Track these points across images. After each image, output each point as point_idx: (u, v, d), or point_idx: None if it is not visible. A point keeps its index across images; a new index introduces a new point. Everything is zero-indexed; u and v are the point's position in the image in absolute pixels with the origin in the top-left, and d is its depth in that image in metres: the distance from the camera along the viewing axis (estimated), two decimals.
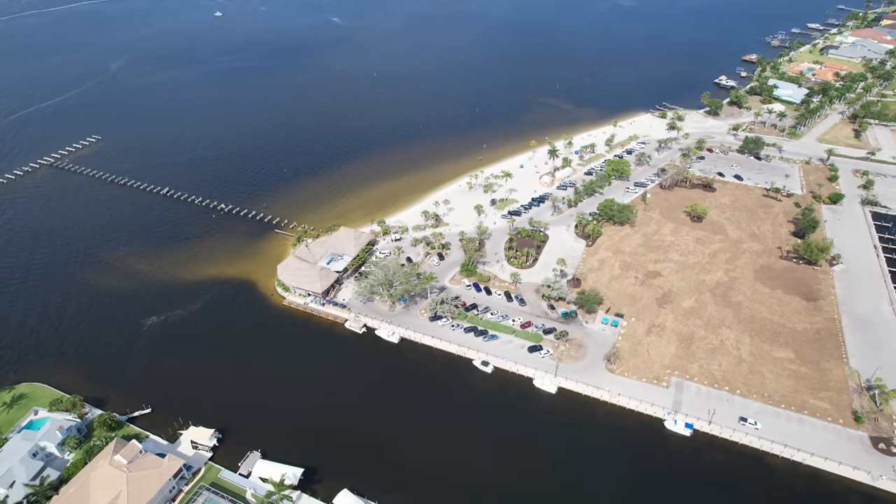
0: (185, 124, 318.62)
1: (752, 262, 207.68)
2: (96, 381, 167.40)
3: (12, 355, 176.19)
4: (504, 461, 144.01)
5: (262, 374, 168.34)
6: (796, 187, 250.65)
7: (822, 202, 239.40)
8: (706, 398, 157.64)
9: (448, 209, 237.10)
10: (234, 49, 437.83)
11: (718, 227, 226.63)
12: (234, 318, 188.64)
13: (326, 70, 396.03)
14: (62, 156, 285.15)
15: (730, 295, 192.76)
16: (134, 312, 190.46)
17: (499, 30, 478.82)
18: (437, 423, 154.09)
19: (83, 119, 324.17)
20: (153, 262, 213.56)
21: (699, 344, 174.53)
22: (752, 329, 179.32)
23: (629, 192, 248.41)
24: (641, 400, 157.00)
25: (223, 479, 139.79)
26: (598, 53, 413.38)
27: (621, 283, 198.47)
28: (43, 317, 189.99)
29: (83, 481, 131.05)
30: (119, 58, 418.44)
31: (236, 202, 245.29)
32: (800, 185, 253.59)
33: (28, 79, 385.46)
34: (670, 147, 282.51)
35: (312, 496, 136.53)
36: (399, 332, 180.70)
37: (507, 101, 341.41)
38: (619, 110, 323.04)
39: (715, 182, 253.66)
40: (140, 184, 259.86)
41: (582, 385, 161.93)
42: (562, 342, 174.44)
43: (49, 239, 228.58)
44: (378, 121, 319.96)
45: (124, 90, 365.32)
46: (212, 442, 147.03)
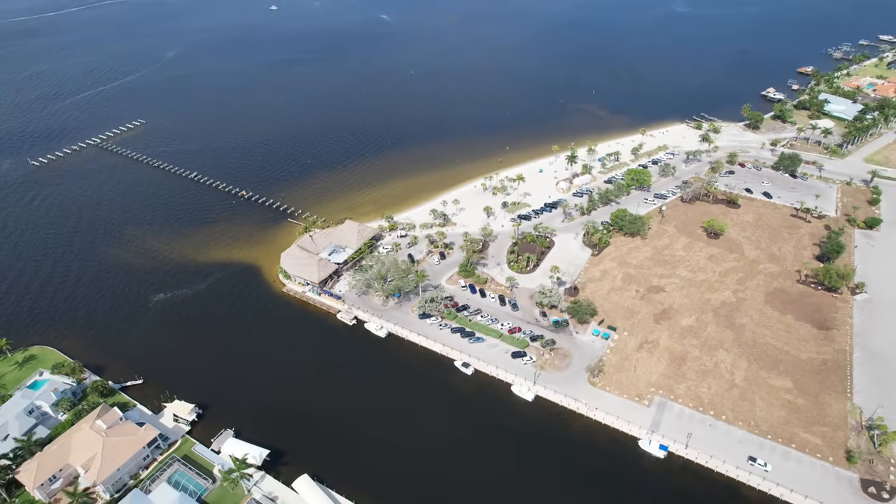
0: (223, 113, 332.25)
1: (766, 284, 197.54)
2: (99, 349, 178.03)
3: (30, 318, 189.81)
4: (470, 464, 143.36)
5: (250, 357, 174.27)
6: (830, 208, 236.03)
7: (857, 226, 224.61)
8: (688, 421, 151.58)
9: (458, 209, 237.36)
10: (283, 42, 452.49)
11: (735, 245, 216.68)
12: (234, 301, 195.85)
13: (369, 66, 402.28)
14: (108, 137, 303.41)
15: (734, 316, 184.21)
16: (144, 288, 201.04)
17: (550, 30, 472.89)
18: (410, 419, 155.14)
19: (132, 103, 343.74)
20: (170, 241, 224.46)
21: (691, 364, 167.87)
22: (752, 354, 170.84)
23: (647, 203, 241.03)
24: (618, 416, 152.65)
25: (195, 453, 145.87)
26: (645, 59, 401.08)
27: (621, 295, 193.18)
28: (62, 284, 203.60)
29: (65, 441, 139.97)
30: (175, 47, 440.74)
31: (256, 189, 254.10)
32: (835, 206, 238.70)
33: (93, 64, 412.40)
34: (699, 159, 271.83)
35: (275, 478, 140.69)
36: (387, 327, 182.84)
37: (542, 103, 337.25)
38: (652, 119, 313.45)
39: (740, 198, 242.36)
40: (171, 167, 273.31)
41: (560, 395, 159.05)
42: (547, 350, 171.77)
43: (81, 214, 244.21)
44: (409, 117, 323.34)
45: (173, 78, 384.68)
46: (191, 416, 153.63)
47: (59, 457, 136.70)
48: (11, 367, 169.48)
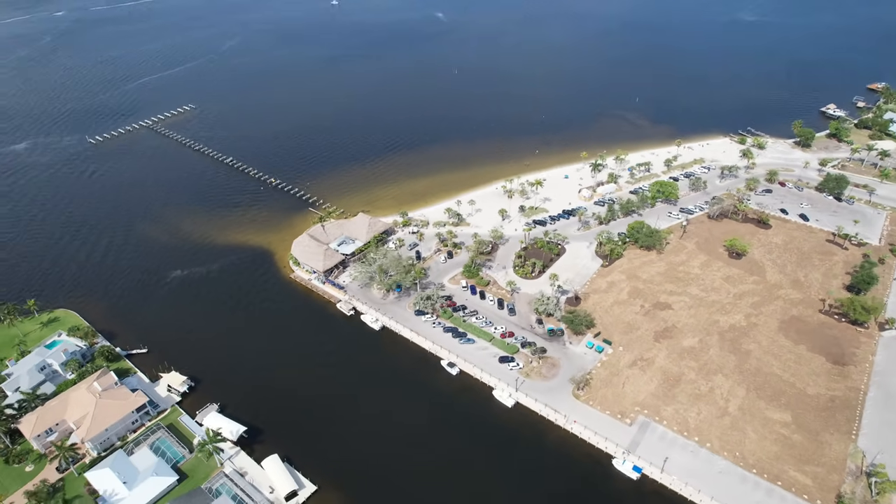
0: (267, 102, 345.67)
1: (783, 310, 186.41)
2: (115, 317, 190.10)
3: (60, 282, 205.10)
4: (438, 462, 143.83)
5: (248, 338, 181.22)
6: (874, 236, 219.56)
7: None
8: (669, 445, 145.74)
9: (475, 210, 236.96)
10: (337, 37, 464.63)
11: (758, 267, 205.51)
12: (244, 283, 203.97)
13: (416, 63, 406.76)
14: (159, 120, 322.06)
15: (741, 341, 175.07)
16: (165, 264, 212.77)
17: (605, 33, 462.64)
18: (388, 412, 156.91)
19: (186, 89, 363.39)
20: (196, 221, 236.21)
21: (684, 387, 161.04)
22: (753, 382, 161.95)
23: (671, 217, 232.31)
24: (596, 432, 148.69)
25: (180, 423, 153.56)
26: (699, 68, 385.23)
27: (623, 309, 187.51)
28: (93, 253, 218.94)
29: (64, 399, 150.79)
30: (234, 38, 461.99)
31: (284, 177, 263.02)
32: (879, 234, 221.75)
33: (159, 51, 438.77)
34: (735, 175, 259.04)
35: (249, 454, 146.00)
36: (383, 321, 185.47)
37: (582, 107, 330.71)
38: (694, 131, 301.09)
39: (772, 218, 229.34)
40: (211, 151, 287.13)
41: (540, 405, 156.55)
42: (535, 358, 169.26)
43: (124, 190, 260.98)
44: (445, 115, 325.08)
45: (227, 67, 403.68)
46: (183, 388, 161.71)
47: (57, 412, 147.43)
48: (36, 326, 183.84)
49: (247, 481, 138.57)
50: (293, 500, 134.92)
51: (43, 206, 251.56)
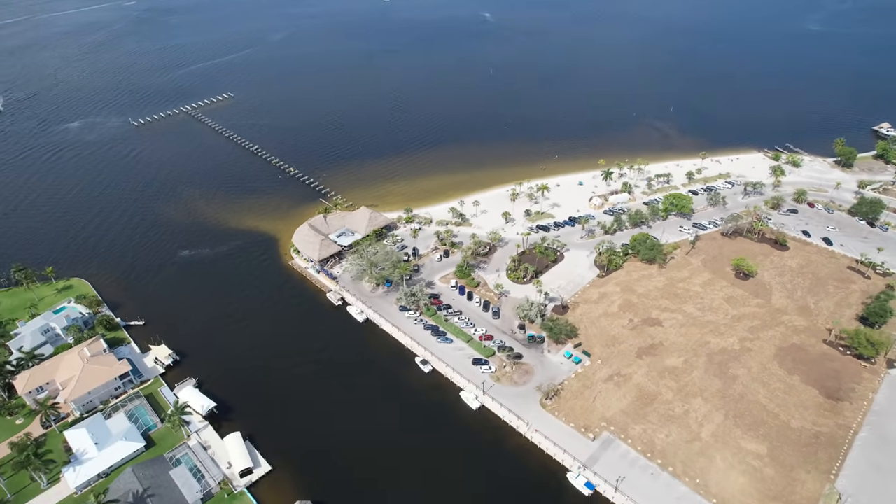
0: (302, 94, 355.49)
1: (783, 337, 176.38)
2: (122, 289, 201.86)
3: (79, 252, 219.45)
4: (395, 457, 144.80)
5: (237, 319, 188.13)
6: None
7: None
8: (630, 464, 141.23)
9: (480, 211, 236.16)
10: (381, 33, 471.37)
11: (764, 290, 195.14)
12: (245, 267, 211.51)
13: (455, 61, 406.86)
14: (198, 106, 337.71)
15: (729, 366, 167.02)
16: (177, 242, 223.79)
17: (656, 36, 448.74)
18: (355, 403, 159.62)
19: (229, 78, 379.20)
20: (212, 204, 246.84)
21: (658, 407, 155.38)
22: (733, 409, 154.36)
23: (682, 231, 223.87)
24: (556, 444, 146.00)
25: (159, 394, 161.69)
26: (749, 77, 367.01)
27: (611, 321, 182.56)
28: (113, 228, 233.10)
29: (56, 361, 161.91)
30: (282, 30, 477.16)
31: (302, 167, 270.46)
32: None
33: (211, 41, 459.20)
34: (761, 192, 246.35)
35: (216, 429, 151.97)
36: (367, 313, 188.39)
37: (614, 113, 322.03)
38: (726, 144, 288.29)
39: (791, 240, 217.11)
40: (239, 138, 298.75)
41: (504, 410, 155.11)
42: (510, 363, 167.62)
43: (156, 171, 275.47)
44: (473, 115, 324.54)
45: (271, 58, 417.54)
46: (168, 361, 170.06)
47: (49, 373, 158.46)
48: (51, 292, 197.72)
49: (208, 455, 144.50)
50: (247, 478, 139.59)
51: (80, 180, 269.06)
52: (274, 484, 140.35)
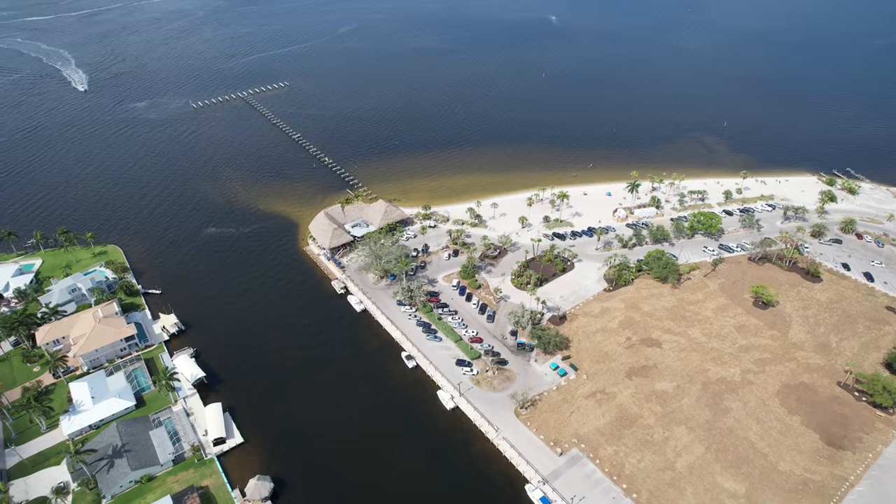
0: (355, 86, 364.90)
1: (792, 374, 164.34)
2: (149, 258, 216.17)
3: (119, 221, 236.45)
4: (361, 444, 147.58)
5: (245, 297, 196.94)
6: None
7: None
8: (592, 485, 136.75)
9: (500, 213, 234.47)
10: (448, 31, 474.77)
11: (783, 322, 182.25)
12: (263, 248, 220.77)
13: (511, 62, 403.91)
14: (254, 93, 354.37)
15: (725, 397, 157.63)
16: (206, 220, 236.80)
17: (732, 47, 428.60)
18: (334, 389, 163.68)
19: (289, 67, 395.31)
20: (246, 186, 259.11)
21: (636, 430, 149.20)
22: (718, 443, 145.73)
23: (706, 252, 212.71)
24: (521, 454, 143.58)
25: (158, 358, 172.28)
26: (823, 94, 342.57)
27: (607, 337, 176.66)
28: (152, 200, 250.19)
29: (74, 318, 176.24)
30: (350, 24, 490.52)
31: (336, 158, 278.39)
32: None
33: (280, 31, 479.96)
34: (804, 218, 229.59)
35: (202, 398, 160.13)
36: (365, 304, 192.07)
37: (663, 126, 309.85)
38: (777, 164, 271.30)
39: (826, 271, 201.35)
40: (285, 126, 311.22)
41: (477, 414, 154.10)
42: (493, 368, 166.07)
43: (203, 151, 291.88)
44: (517, 118, 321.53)
45: (334, 50, 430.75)
46: (173, 329, 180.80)
47: (65, 328, 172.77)
48: (87, 255, 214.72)
49: (189, 421, 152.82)
50: (219, 447, 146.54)
51: (136, 155, 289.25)
52: (242, 456, 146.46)
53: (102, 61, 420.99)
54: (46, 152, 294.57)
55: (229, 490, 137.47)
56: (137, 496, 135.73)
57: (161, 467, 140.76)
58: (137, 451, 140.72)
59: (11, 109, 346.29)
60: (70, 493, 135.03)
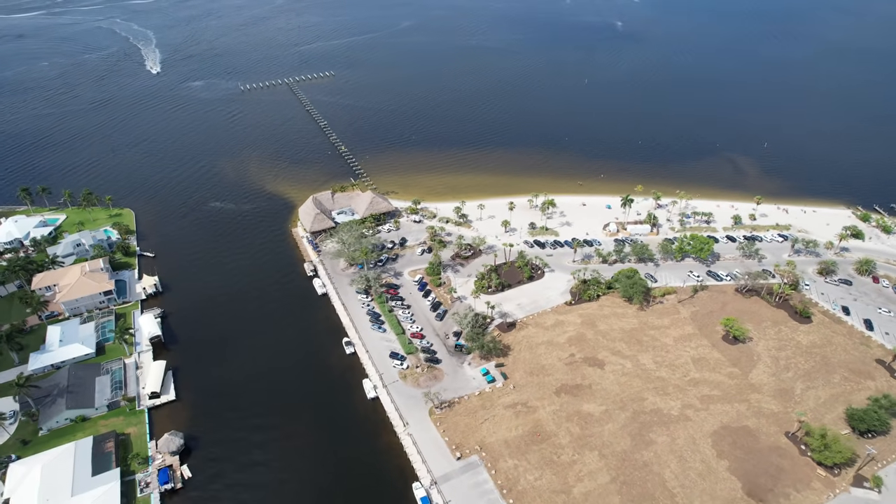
0: (395, 79, 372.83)
1: (736, 417, 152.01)
2: (155, 223, 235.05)
3: (139, 188, 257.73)
4: (278, 418, 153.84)
5: (223, 267, 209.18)
6: None
7: None
8: (479, 495, 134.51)
9: (488, 216, 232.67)
10: (506, 31, 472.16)
11: (748, 360, 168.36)
12: (256, 226, 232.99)
13: (557, 66, 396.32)
14: (299, 80, 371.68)
15: (653, 429, 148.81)
16: (215, 194, 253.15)
17: (815, 61, 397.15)
18: (274, 362, 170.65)
19: (340, 57, 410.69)
20: (261, 166, 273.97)
21: (545, 449, 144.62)
22: (626, 476, 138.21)
23: (690, 276, 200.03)
24: (420, 452, 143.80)
25: (129, 314, 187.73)
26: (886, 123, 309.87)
27: (550, 351, 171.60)
28: (176, 171, 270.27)
29: (66, 269, 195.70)
30: (412, 19, 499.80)
31: (351, 147, 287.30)
32: None
33: (345, 22, 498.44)
34: (816, 253, 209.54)
35: (153, 355, 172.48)
36: (328, 288, 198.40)
37: (695, 141, 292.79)
38: (811, 193, 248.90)
39: (819, 313, 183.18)
40: (315, 113, 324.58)
41: (392, 407, 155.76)
42: (424, 365, 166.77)
43: (236, 130, 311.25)
44: (545, 122, 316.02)
45: (387, 44, 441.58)
46: (151, 290, 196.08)
47: (56, 277, 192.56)
48: (103, 216, 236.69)
49: (135, 373, 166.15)
50: (153, 401, 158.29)
51: (179, 130, 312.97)
52: (170, 412, 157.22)
53: (180, 44, 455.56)
54: (108, 123, 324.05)
55: (147, 441, 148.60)
56: (70, 433, 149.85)
57: (96, 411, 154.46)
58: (78, 393, 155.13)
59: (93, 83, 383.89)
60: (17, 422, 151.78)
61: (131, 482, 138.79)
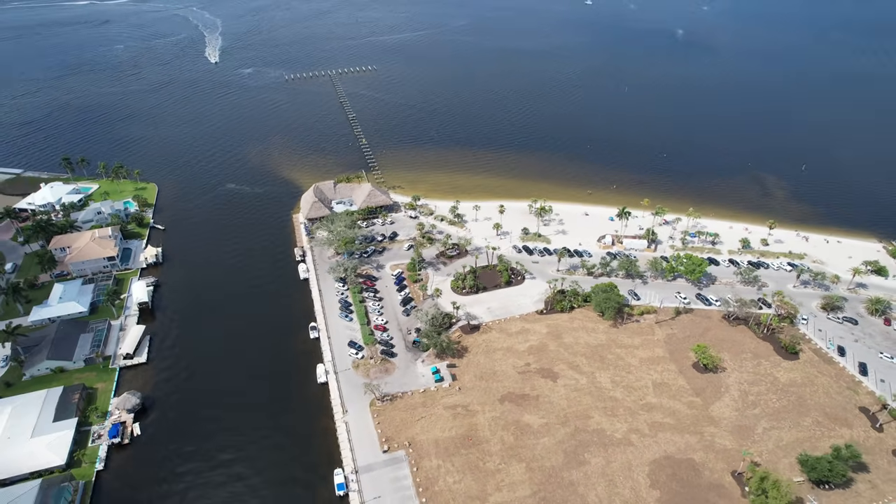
0: (433, 77, 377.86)
1: (684, 449, 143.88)
2: (173, 199, 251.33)
3: (168, 164, 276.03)
4: (230, 391, 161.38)
5: (223, 245, 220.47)
6: None
7: None
8: (393, 490, 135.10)
9: (484, 217, 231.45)
10: (557, 33, 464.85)
11: (714, 391, 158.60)
12: (262, 208, 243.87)
13: (603, 71, 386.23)
14: (341, 72, 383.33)
15: (590, 450, 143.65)
16: (232, 176, 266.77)
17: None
18: (241, 339, 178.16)
19: (387, 52, 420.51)
20: (283, 153, 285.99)
21: (473, 453, 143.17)
22: (548, 493, 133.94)
23: (677, 297, 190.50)
24: (350, 440, 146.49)
25: (127, 280, 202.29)
26: None
27: (506, 358, 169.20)
28: (206, 151, 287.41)
29: (79, 234, 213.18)
30: (469, 18, 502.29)
31: (371, 140, 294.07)
32: None
33: (401, 19, 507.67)
34: (825, 287, 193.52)
35: (139, 319, 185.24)
36: (310, 274, 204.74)
37: (727, 159, 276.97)
38: (840, 223, 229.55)
39: (810, 350, 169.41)
40: (347, 105, 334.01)
41: (336, 394, 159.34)
42: (378, 357, 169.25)
43: (271, 116, 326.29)
44: (572, 127, 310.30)
45: (437, 42, 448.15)
46: (152, 259, 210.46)
47: (70, 240, 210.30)
48: (130, 188, 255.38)
49: (118, 334, 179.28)
50: (125, 361, 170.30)
51: (218, 114, 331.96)
52: (139, 373, 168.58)
53: (244, 34, 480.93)
54: (162, 103, 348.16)
55: (111, 397, 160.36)
56: (48, 381, 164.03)
57: (73, 364, 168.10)
58: (59, 347, 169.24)
59: (159, 67, 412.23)
60: (7, 366, 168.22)
61: (87, 433, 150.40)
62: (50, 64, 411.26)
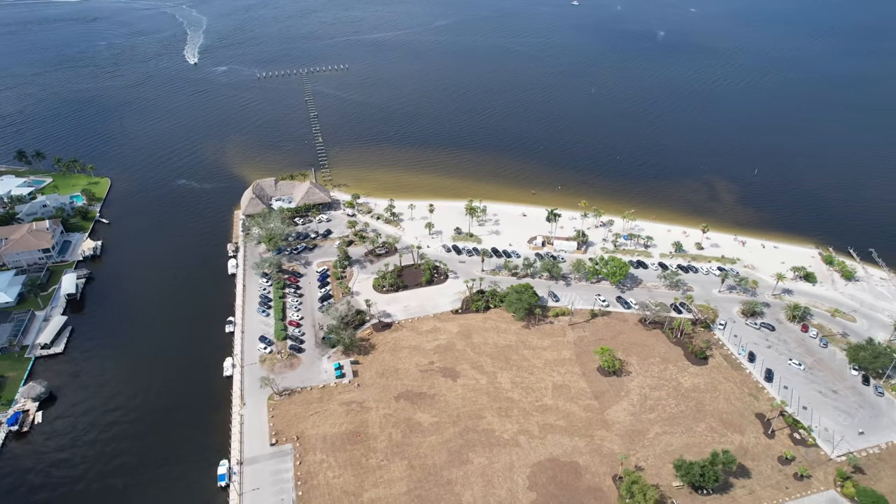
0: (404, 77, 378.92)
1: (569, 451, 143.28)
2: (123, 193, 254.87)
3: (124, 159, 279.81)
4: (139, 380, 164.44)
5: (164, 238, 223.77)
6: (862, 443, 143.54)
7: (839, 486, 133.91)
8: (272, 482, 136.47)
9: (420, 216, 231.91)
10: (538, 34, 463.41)
11: (614, 395, 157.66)
12: (208, 204, 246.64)
13: (574, 73, 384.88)
14: (313, 71, 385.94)
15: (475, 450, 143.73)
16: (185, 172, 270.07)
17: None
18: (158, 332, 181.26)
19: (362, 51, 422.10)
20: (238, 150, 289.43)
21: (358, 449, 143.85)
22: (423, 491, 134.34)
23: (597, 300, 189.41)
24: (241, 432, 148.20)
25: (61, 272, 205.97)
26: None
27: (411, 356, 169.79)
28: (166, 147, 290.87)
29: (18, 226, 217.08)
30: (451, 17, 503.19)
31: (327, 139, 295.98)
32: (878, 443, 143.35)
33: (383, 19, 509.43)
34: (752, 293, 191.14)
35: (64, 311, 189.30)
36: (239, 269, 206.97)
37: (679, 162, 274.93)
38: (784, 229, 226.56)
39: (718, 355, 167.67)
40: (311, 103, 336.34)
41: (238, 386, 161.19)
42: (286, 352, 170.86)
43: (239, 114, 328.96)
44: (527, 127, 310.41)
45: (414, 41, 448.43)
46: (89, 252, 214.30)
47: (8, 232, 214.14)
48: (83, 182, 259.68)
49: (39, 324, 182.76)
50: (41, 351, 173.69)
51: (186, 110, 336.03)
52: (52, 363, 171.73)
53: (229, 32, 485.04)
54: (135, 100, 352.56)
55: (21, 385, 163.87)
56: None
57: None
58: None
59: (139, 64, 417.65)
60: None
61: None
62: (32, 60, 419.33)
